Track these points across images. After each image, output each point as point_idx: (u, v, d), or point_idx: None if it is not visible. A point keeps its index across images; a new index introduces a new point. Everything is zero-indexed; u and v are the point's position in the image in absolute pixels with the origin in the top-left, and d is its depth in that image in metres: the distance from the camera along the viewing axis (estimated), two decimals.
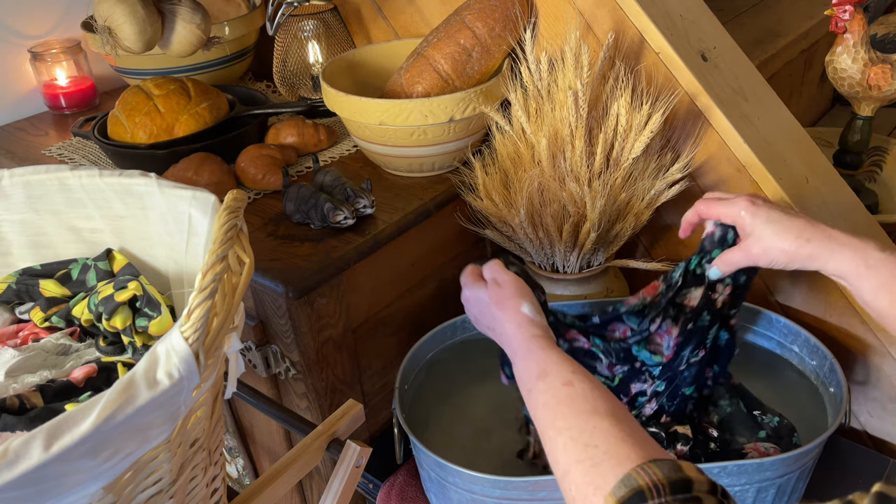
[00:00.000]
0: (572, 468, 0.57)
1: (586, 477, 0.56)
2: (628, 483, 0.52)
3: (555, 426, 0.61)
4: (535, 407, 0.65)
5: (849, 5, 1.27)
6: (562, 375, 0.65)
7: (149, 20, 1.05)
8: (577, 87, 1.01)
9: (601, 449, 0.57)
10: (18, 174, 0.83)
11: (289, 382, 1.06)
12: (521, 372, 0.69)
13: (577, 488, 0.56)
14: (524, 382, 0.68)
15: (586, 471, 0.56)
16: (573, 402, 0.62)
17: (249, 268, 0.64)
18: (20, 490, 0.48)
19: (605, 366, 0.88)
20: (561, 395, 0.63)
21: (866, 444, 1.08)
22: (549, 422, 0.62)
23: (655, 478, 0.52)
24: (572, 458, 0.58)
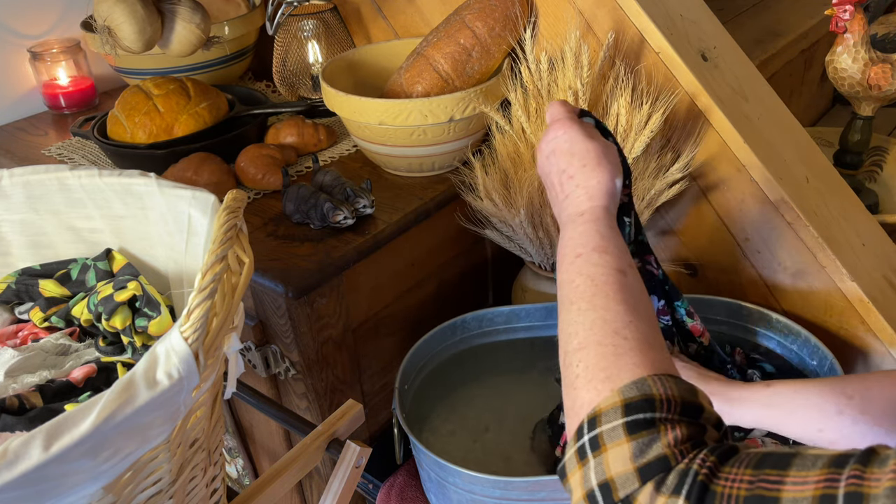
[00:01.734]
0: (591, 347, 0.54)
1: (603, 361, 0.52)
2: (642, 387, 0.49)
3: (591, 301, 0.57)
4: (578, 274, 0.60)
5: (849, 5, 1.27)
6: (621, 260, 0.60)
7: (148, 20, 1.05)
8: (577, 87, 1.01)
9: (629, 343, 0.53)
10: (18, 174, 0.83)
11: (288, 382, 1.05)
12: (579, 236, 0.63)
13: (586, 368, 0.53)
14: (575, 246, 0.62)
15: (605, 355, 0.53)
16: (620, 289, 0.57)
17: (249, 268, 0.64)
18: (20, 490, 0.48)
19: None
20: (611, 277, 0.58)
21: None
22: (586, 294, 0.57)
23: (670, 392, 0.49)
24: (596, 337, 0.54)
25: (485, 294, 1.30)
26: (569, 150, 0.68)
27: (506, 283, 1.24)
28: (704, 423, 0.49)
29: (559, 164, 0.69)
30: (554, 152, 0.70)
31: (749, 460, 0.44)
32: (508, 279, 1.22)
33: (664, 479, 0.45)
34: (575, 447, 0.49)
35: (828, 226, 1.03)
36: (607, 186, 0.66)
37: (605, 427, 0.48)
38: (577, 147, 0.68)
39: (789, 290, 1.09)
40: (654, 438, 0.46)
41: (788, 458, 0.43)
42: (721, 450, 0.45)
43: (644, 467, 0.45)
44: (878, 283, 1.04)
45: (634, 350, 0.53)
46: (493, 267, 1.28)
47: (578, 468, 0.48)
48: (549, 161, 0.70)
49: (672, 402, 0.48)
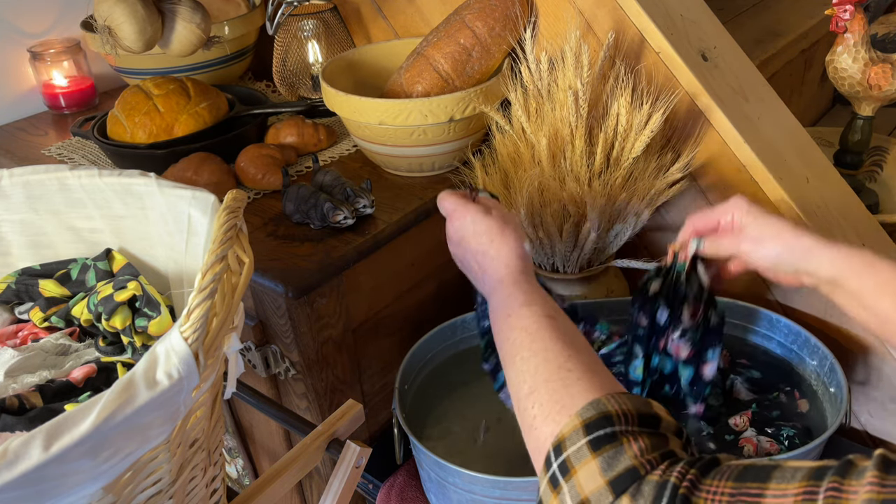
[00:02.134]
0: (540, 387, 0.57)
1: (555, 395, 0.55)
2: (597, 407, 0.51)
3: (531, 348, 0.60)
4: (511, 330, 0.64)
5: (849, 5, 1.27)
6: (546, 308, 0.64)
7: (149, 20, 1.05)
8: (577, 87, 1.01)
9: (574, 374, 0.56)
10: (18, 174, 0.83)
11: (288, 382, 1.05)
12: (505, 299, 0.68)
13: (540, 406, 0.55)
14: (504, 308, 0.66)
15: (556, 390, 0.55)
16: (554, 331, 0.61)
17: (249, 268, 0.64)
18: (20, 490, 0.48)
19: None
20: (542, 323, 0.62)
21: (867, 444, 1.08)
22: (524, 344, 0.61)
23: (625, 407, 0.51)
24: (542, 377, 0.57)
25: None
26: (473, 231, 0.75)
27: None
28: (664, 432, 0.50)
29: (469, 247, 0.75)
30: (462, 238, 0.76)
31: (730, 473, 0.45)
32: None
33: (639, 490, 0.46)
34: (546, 478, 0.51)
35: (828, 226, 1.03)
36: (517, 251, 0.72)
37: (570, 450, 0.50)
38: (479, 227, 0.74)
39: (789, 290, 1.09)
40: (618, 451, 0.48)
41: (769, 470, 0.44)
42: (702, 462, 0.46)
43: (615, 480, 0.47)
44: None
45: (582, 379, 0.55)
46: None
47: (554, 497, 0.50)
48: (461, 248, 0.77)
49: (629, 415, 0.50)
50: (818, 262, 0.71)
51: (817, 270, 0.71)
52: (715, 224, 0.79)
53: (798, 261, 0.72)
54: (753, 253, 0.75)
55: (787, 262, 0.73)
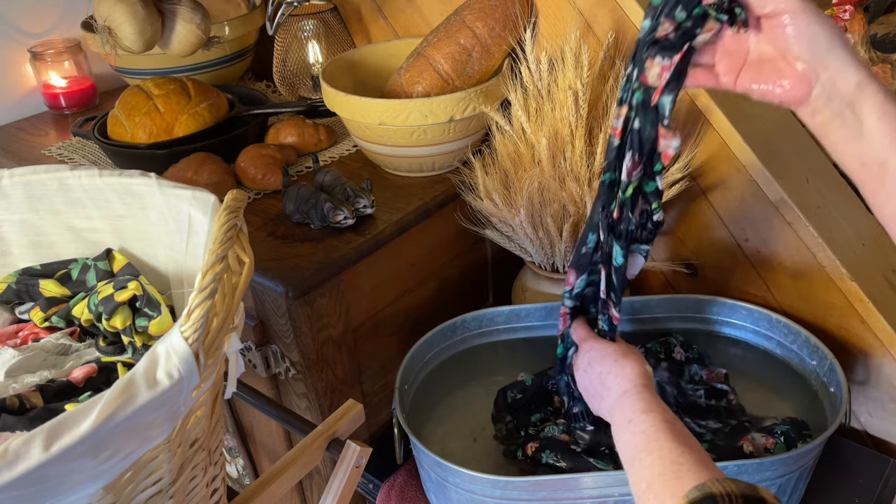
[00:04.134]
0: (656, 481, 0.62)
1: (668, 486, 0.60)
2: (702, 489, 0.55)
3: (648, 448, 0.66)
4: (632, 435, 0.70)
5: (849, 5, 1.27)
6: (665, 415, 0.71)
7: (149, 20, 1.05)
8: (577, 87, 1.01)
9: (685, 467, 0.61)
10: (18, 174, 0.83)
11: (289, 382, 1.06)
12: (627, 407, 0.74)
13: (655, 496, 0.60)
14: (626, 415, 0.73)
15: (668, 481, 0.60)
16: (670, 432, 0.67)
17: (249, 268, 0.64)
18: (20, 490, 0.48)
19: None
20: (659, 426, 0.68)
21: (867, 444, 1.08)
22: (642, 446, 0.67)
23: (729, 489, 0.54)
24: (657, 471, 0.63)
25: (485, 294, 1.30)
26: (600, 356, 0.82)
27: (506, 283, 1.24)
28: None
29: (596, 369, 0.82)
30: (590, 363, 0.83)
31: None
32: (508, 279, 1.22)
33: None
34: None
35: (828, 226, 1.03)
36: (639, 370, 0.78)
37: None
38: (605, 352, 0.82)
39: (789, 290, 1.09)
40: None
41: None
42: None
43: None
44: (878, 283, 1.04)
45: (692, 470, 0.60)
46: (493, 267, 1.28)
47: None
48: (588, 372, 0.83)
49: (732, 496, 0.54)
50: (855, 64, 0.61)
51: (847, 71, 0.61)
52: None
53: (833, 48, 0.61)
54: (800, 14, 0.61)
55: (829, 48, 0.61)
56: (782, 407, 0.98)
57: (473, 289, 1.27)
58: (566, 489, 0.84)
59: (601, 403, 0.81)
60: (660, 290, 1.24)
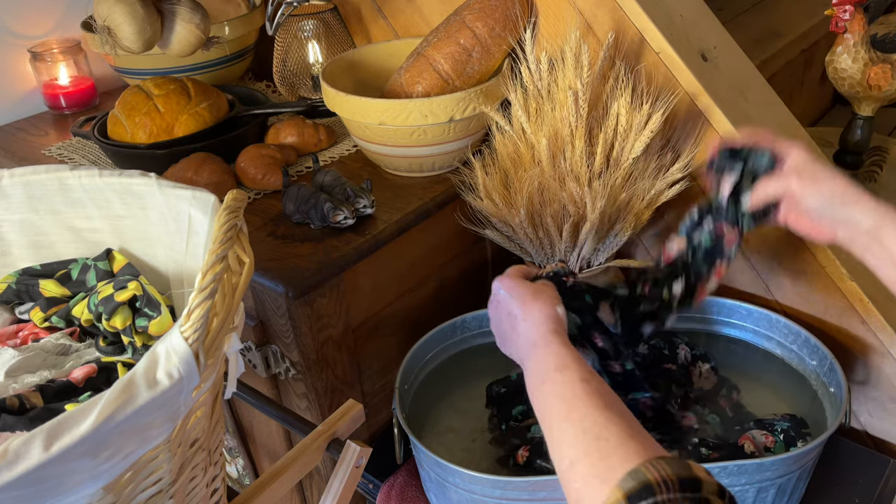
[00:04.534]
0: (580, 460, 0.57)
1: (593, 469, 0.56)
2: (636, 476, 0.52)
3: (568, 418, 0.61)
4: (546, 396, 0.65)
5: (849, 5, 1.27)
6: (580, 372, 0.65)
7: (148, 20, 1.05)
8: (577, 87, 1.01)
9: (611, 443, 0.57)
10: (18, 174, 0.83)
11: (289, 382, 1.06)
12: (538, 363, 0.69)
13: (582, 480, 0.56)
14: (539, 374, 0.68)
15: (594, 463, 0.56)
16: (589, 397, 0.62)
17: (249, 268, 0.64)
18: (20, 490, 0.48)
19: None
20: (577, 389, 0.63)
21: (866, 444, 1.08)
22: (561, 413, 0.62)
23: (665, 473, 0.51)
24: (581, 450, 0.58)
25: (485, 294, 1.30)
26: (507, 296, 0.78)
27: None
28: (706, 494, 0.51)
29: (505, 309, 0.78)
30: (499, 303, 0.79)
31: None
32: None
33: None
34: None
35: None
36: (547, 312, 0.73)
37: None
38: (514, 292, 0.77)
39: (789, 290, 1.09)
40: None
41: None
42: None
43: None
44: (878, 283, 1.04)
45: (619, 447, 0.56)
46: (493, 267, 1.28)
47: None
48: (497, 311, 0.79)
49: (668, 481, 0.51)
50: (864, 211, 0.74)
51: (860, 220, 0.74)
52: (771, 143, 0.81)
53: (845, 206, 0.75)
54: (805, 191, 0.77)
55: (835, 207, 0.75)
56: (782, 407, 0.98)
57: (473, 289, 1.27)
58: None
59: (511, 349, 0.77)
60: None
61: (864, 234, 0.74)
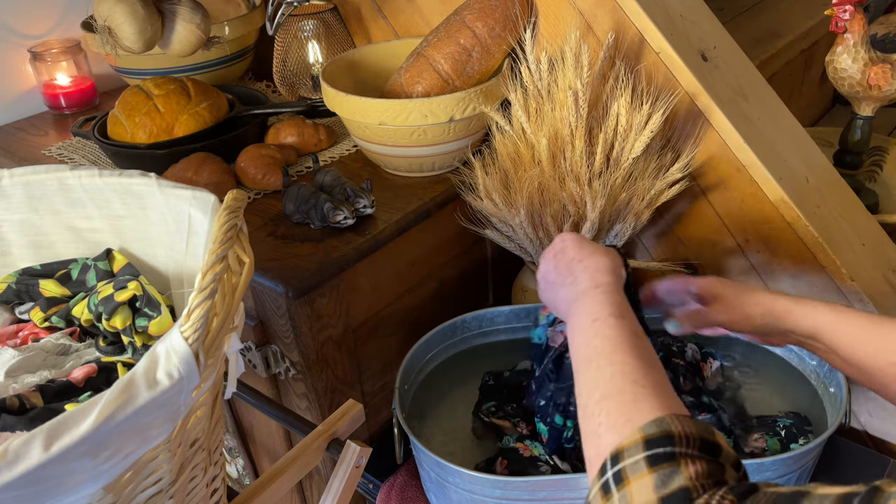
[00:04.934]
0: (612, 397, 0.57)
1: (623, 407, 0.56)
2: (661, 425, 0.52)
3: (610, 358, 0.61)
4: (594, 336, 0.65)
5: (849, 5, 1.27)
6: (634, 325, 0.66)
7: (149, 20, 1.05)
8: (577, 87, 1.01)
9: (647, 391, 0.57)
10: (18, 174, 0.83)
11: (289, 382, 1.06)
12: (595, 304, 0.68)
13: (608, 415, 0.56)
14: (592, 312, 0.67)
15: (626, 401, 0.56)
16: (635, 347, 0.62)
17: (249, 268, 0.64)
18: (20, 490, 0.48)
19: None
20: (627, 337, 0.63)
21: (867, 444, 1.08)
22: (605, 352, 0.62)
23: (689, 430, 0.51)
24: (616, 387, 0.58)
25: (485, 294, 1.30)
26: (575, 245, 0.77)
27: (506, 283, 1.24)
28: (723, 461, 0.51)
29: (567, 255, 0.76)
30: (563, 250, 0.78)
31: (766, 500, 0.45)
32: (508, 279, 1.22)
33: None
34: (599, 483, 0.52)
35: (828, 226, 1.03)
36: (615, 266, 0.73)
37: (627, 462, 0.51)
38: (583, 244, 0.77)
39: (789, 291, 1.09)
40: (675, 471, 0.48)
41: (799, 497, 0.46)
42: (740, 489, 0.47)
43: (667, 498, 0.47)
44: (878, 283, 1.04)
45: (652, 396, 0.56)
46: (493, 267, 1.28)
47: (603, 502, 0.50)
48: (557, 258, 0.77)
49: (690, 438, 0.51)
50: (796, 319, 0.74)
51: (797, 328, 0.74)
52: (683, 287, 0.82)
53: (779, 321, 0.75)
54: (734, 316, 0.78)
55: (770, 325, 0.76)
56: (783, 407, 0.98)
57: (473, 289, 1.27)
58: (566, 489, 0.84)
59: (561, 291, 0.75)
60: None
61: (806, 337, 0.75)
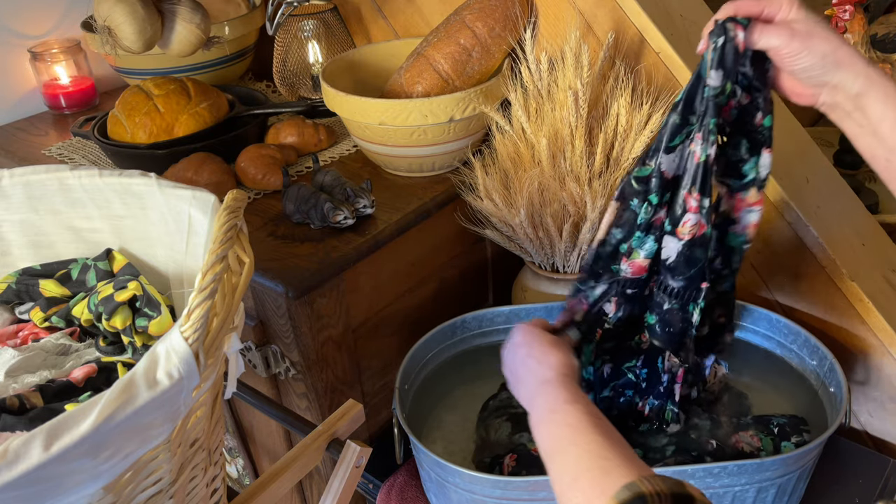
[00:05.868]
0: (582, 476, 0.60)
1: (595, 482, 0.58)
2: (631, 488, 0.54)
3: (574, 440, 0.65)
4: (555, 425, 0.68)
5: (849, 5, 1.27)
6: (589, 408, 0.69)
7: (149, 20, 1.05)
8: (577, 87, 1.01)
9: (614, 462, 0.59)
10: (18, 174, 0.83)
11: (289, 382, 1.06)
12: (550, 396, 0.72)
13: (583, 493, 0.59)
14: (550, 404, 0.71)
15: (596, 477, 0.59)
16: (595, 428, 0.65)
17: (249, 268, 0.64)
18: (20, 490, 0.48)
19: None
20: (585, 419, 0.67)
21: (866, 444, 1.08)
22: (568, 437, 0.66)
23: (659, 488, 0.53)
24: (584, 466, 0.61)
25: (485, 294, 1.30)
26: (528, 341, 0.81)
27: (506, 283, 1.24)
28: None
29: (522, 352, 0.81)
30: (519, 345, 0.82)
31: None
32: (508, 279, 1.22)
33: None
34: None
35: (828, 226, 1.03)
36: (565, 360, 0.77)
37: None
38: (534, 338, 0.81)
39: (789, 291, 1.09)
40: None
41: None
42: None
43: None
44: (878, 283, 1.04)
45: (620, 466, 0.59)
46: (493, 267, 1.28)
47: None
48: (514, 354, 0.82)
49: (661, 495, 0.52)
50: (854, 73, 0.69)
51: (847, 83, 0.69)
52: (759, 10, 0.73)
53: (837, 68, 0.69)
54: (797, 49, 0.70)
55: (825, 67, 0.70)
56: (782, 407, 0.98)
57: (473, 289, 1.27)
58: None
59: (522, 388, 0.79)
60: None
61: (848, 99, 0.70)
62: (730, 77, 0.73)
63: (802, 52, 0.70)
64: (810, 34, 0.69)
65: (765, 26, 0.71)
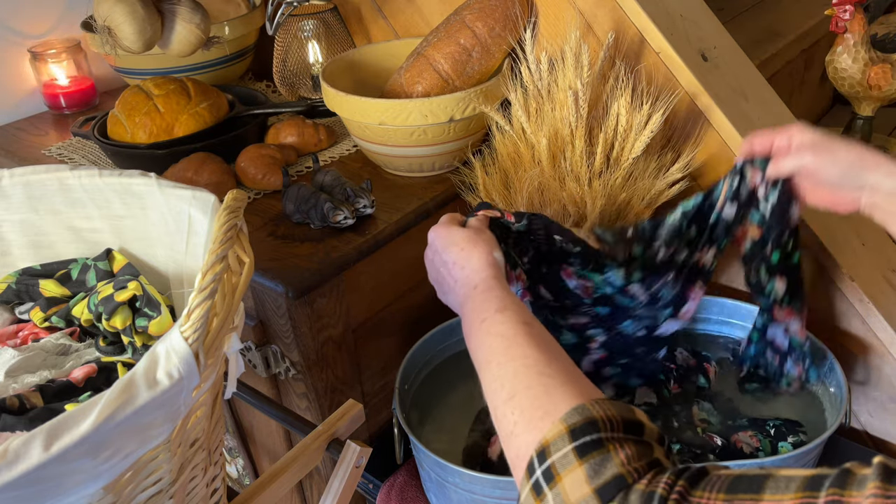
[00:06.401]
0: (520, 393, 0.56)
1: (536, 401, 0.54)
2: (582, 412, 0.50)
3: (507, 353, 0.60)
4: (486, 335, 0.63)
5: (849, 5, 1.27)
6: (521, 314, 0.64)
7: (148, 20, 1.05)
8: (577, 87, 1.01)
9: (557, 380, 0.55)
10: (18, 174, 0.83)
11: (289, 382, 1.06)
12: (478, 305, 0.67)
13: (521, 412, 0.54)
14: (479, 313, 0.66)
15: (537, 396, 0.54)
16: (531, 337, 0.60)
17: (249, 268, 0.64)
18: (20, 490, 0.48)
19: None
20: (519, 329, 0.62)
21: (866, 444, 1.08)
22: (501, 350, 0.61)
23: (610, 413, 0.50)
24: (523, 383, 0.56)
25: None
26: (444, 246, 0.76)
27: None
28: (648, 439, 0.49)
29: (441, 258, 0.77)
30: (435, 252, 0.78)
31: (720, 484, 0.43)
32: None
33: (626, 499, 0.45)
34: (529, 485, 0.50)
35: (828, 226, 1.03)
36: (487, 259, 0.73)
37: (555, 457, 0.49)
38: (449, 240, 0.76)
39: None
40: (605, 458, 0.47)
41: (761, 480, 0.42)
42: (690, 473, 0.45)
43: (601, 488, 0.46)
44: (878, 283, 1.04)
45: (563, 384, 0.54)
46: None
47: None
48: (434, 262, 0.78)
49: (613, 421, 0.49)
50: (884, 173, 0.72)
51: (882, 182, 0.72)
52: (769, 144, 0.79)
53: (865, 170, 0.73)
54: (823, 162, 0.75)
55: (856, 173, 0.73)
56: (782, 407, 0.98)
57: None
58: None
59: (448, 296, 0.76)
60: None
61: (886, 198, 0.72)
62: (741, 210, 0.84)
63: (828, 163, 0.74)
64: (831, 147, 0.74)
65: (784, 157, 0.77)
